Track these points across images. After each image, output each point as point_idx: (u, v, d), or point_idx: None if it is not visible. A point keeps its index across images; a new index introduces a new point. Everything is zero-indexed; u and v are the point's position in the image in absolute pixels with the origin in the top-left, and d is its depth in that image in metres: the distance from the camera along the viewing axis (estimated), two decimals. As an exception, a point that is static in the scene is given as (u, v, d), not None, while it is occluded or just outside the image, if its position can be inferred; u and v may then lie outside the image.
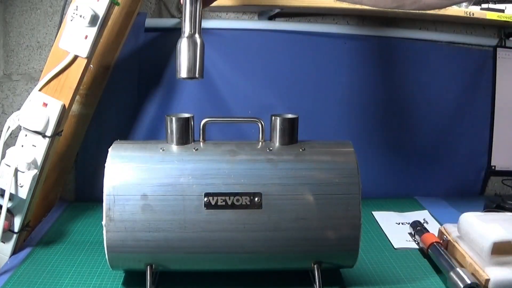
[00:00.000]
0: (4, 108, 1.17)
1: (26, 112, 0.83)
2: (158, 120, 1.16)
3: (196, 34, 0.75)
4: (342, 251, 0.77)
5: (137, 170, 0.75)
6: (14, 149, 0.84)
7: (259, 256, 0.76)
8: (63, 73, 0.84)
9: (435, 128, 1.25)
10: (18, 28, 1.14)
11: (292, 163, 0.77)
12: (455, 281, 0.76)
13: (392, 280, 0.82)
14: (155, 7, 1.18)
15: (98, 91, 1.11)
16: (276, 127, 0.79)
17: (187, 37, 0.74)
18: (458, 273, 0.77)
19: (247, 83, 1.18)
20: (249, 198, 0.73)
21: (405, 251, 0.94)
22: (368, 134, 1.22)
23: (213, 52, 1.15)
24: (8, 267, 0.85)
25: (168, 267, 0.77)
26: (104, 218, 0.73)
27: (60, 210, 1.12)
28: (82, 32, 0.82)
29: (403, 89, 1.22)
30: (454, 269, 0.78)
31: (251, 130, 1.02)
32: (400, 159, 1.25)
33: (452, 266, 0.79)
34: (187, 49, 0.74)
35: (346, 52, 1.20)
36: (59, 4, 1.13)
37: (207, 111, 1.14)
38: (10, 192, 0.82)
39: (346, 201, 0.75)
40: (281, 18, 1.21)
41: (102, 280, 0.81)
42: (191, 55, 0.74)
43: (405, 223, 1.06)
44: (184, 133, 0.79)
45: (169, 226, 0.73)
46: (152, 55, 1.14)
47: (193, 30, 0.75)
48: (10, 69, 1.16)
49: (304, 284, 0.80)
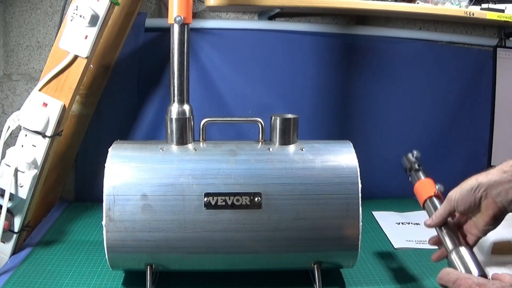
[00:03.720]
0: (4, 108, 1.17)
1: (26, 112, 0.83)
2: (158, 120, 1.16)
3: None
4: (342, 251, 0.77)
5: (137, 170, 0.75)
6: (14, 149, 0.84)
7: (259, 256, 0.76)
8: (63, 73, 0.84)
9: (435, 128, 1.25)
10: (18, 28, 1.14)
11: (292, 163, 0.77)
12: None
13: (392, 280, 0.82)
14: (155, 7, 1.18)
15: (98, 91, 1.11)
16: (276, 127, 0.79)
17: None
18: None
19: (247, 83, 1.18)
20: (249, 198, 0.73)
21: (405, 251, 0.94)
22: (368, 134, 1.22)
23: (213, 52, 1.15)
24: (8, 267, 0.85)
25: (168, 267, 0.77)
26: (104, 218, 0.73)
27: (60, 210, 1.12)
28: (82, 32, 0.82)
29: (403, 89, 1.22)
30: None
31: (251, 130, 1.02)
32: (400, 159, 1.25)
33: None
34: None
35: (346, 52, 1.20)
36: (59, 4, 1.13)
37: (207, 111, 1.14)
38: (10, 192, 0.82)
39: (346, 201, 0.75)
40: (281, 18, 1.21)
41: (102, 280, 0.81)
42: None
43: (405, 223, 1.06)
44: (184, 133, 0.79)
45: (169, 226, 0.73)
46: (152, 55, 1.14)
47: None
48: (10, 69, 1.16)
49: (304, 284, 0.80)
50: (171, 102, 0.80)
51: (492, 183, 0.66)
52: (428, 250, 0.94)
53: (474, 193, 0.67)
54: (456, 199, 0.69)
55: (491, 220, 0.67)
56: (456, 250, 0.68)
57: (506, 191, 0.65)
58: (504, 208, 0.66)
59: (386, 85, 1.22)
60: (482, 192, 0.67)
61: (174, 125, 0.79)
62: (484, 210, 0.67)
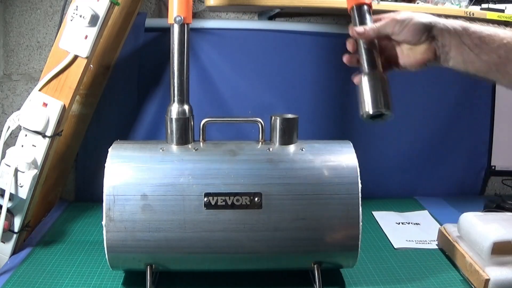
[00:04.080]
0: (4, 108, 1.17)
1: (26, 112, 0.83)
2: (158, 120, 1.16)
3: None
4: (342, 251, 0.77)
5: (137, 170, 0.75)
6: (14, 149, 0.84)
7: (259, 256, 0.76)
8: (63, 73, 0.84)
9: (435, 128, 1.25)
10: (18, 28, 1.14)
11: (292, 163, 0.77)
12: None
13: (392, 280, 0.82)
14: (155, 7, 1.18)
15: (98, 91, 1.11)
16: (276, 127, 0.79)
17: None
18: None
19: (247, 83, 1.18)
20: (249, 198, 0.73)
21: (405, 251, 0.94)
22: (368, 134, 1.22)
23: (213, 52, 1.15)
24: (8, 267, 0.85)
25: (168, 267, 0.77)
26: (104, 218, 0.73)
27: (60, 210, 1.12)
28: (82, 32, 0.82)
29: (403, 88, 1.22)
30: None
31: (251, 130, 1.02)
32: (400, 159, 1.25)
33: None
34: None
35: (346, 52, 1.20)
36: (59, 4, 1.13)
37: (207, 111, 1.14)
38: (10, 192, 0.82)
39: (346, 201, 0.75)
40: (281, 18, 1.21)
41: (102, 280, 0.81)
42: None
43: (405, 223, 1.06)
44: (184, 133, 0.79)
45: (169, 226, 0.73)
46: (152, 55, 1.14)
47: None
48: (10, 69, 1.16)
49: (304, 284, 0.80)
50: (171, 102, 0.80)
51: (445, 33, 0.65)
52: (428, 250, 0.94)
53: (424, 34, 0.66)
54: (404, 27, 0.67)
55: (421, 65, 0.68)
56: (372, 74, 0.68)
57: (450, 47, 0.65)
58: (440, 60, 0.67)
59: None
60: (431, 36, 0.66)
61: (174, 125, 0.79)
62: (421, 52, 0.67)
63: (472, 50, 0.64)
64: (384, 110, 0.67)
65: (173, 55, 0.78)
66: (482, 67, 0.65)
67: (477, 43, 0.64)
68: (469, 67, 0.66)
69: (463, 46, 0.65)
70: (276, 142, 0.80)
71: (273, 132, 0.80)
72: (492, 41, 0.64)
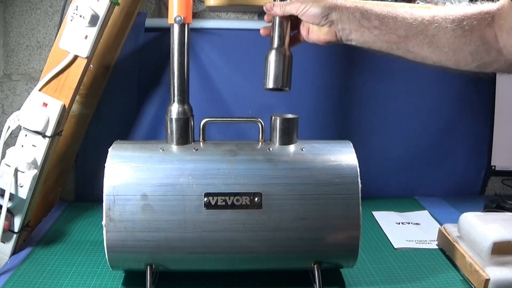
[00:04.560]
0: (4, 108, 1.17)
1: (26, 112, 0.83)
2: (158, 120, 1.16)
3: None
4: (342, 251, 0.77)
5: (137, 170, 0.75)
6: (14, 149, 0.84)
7: (259, 256, 0.76)
8: (63, 73, 0.84)
9: (435, 128, 1.25)
10: (18, 28, 1.14)
11: (292, 163, 0.77)
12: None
13: (392, 280, 0.82)
14: (155, 7, 1.18)
15: (98, 91, 1.11)
16: (276, 127, 0.79)
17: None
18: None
19: (247, 83, 1.18)
20: (249, 198, 0.73)
21: (405, 251, 0.94)
22: (368, 134, 1.22)
23: (213, 52, 1.15)
24: (8, 267, 0.85)
25: (168, 267, 0.77)
26: (104, 218, 0.73)
27: (60, 210, 1.12)
28: (82, 32, 0.82)
29: (402, 88, 1.22)
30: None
31: (251, 130, 1.02)
32: (400, 159, 1.25)
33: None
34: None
35: (346, 52, 1.20)
36: (59, 4, 1.13)
37: (207, 111, 1.14)
38: (10, 192, 0.82)
39: (346, 201, 0.75)
40: (281, 18, 1.21)
41: (102, 280, 0.81)
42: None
43: (405, 223, 1.06)
44: (184, 133, 0.79)
45: (169, 226, 0.73)
46: (152, 55, 1.14)
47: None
48: (10, 69, 1.16)
49: (304, 284, 0.80)
50: (171, 102, 0.80)
51: (344, 18, 0.71)
52: (428, 250, 0.94)
53: (323, 19, 0.72)
54: (305, 10, 0.73)
55: (326, 43, 0.75)
56: (278, 50, 0.76)
57: (350, 30, 0.71)
58: (342, 40, 0.73)
59: (387, 85, 1.22)
60: (330, 21, 0.72)
61: (174, 125, 0.79)
62: (324, 32, 0.73)
63: (372, 32, 0.70)
64: (282, 87, 0.77)
65: (173, 55, 0.78)
66: (384, 46, 0.71)
67: (376, 25, 0.70)
68: (371, 46, 0.72)
69: (363, 29, 0.70)
70: (276, 142, 0.80)
71: (273, 132, 0.80)
72: (392, 22, 0.69)
